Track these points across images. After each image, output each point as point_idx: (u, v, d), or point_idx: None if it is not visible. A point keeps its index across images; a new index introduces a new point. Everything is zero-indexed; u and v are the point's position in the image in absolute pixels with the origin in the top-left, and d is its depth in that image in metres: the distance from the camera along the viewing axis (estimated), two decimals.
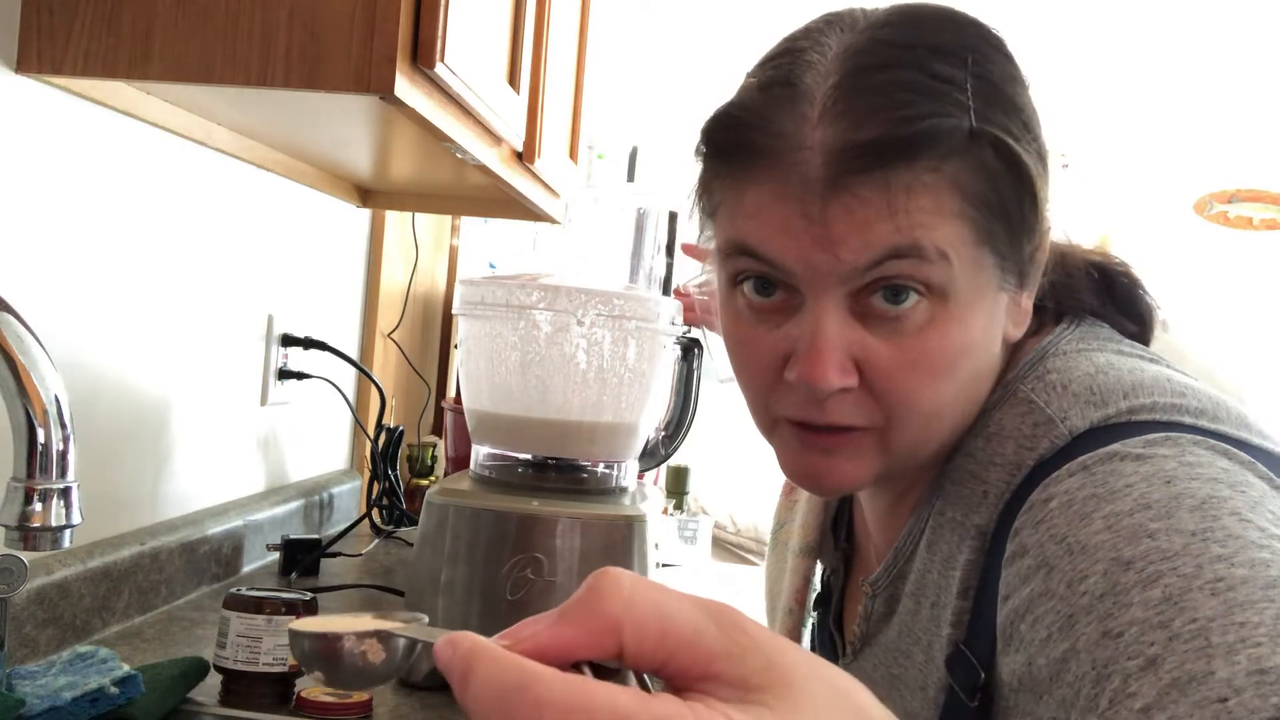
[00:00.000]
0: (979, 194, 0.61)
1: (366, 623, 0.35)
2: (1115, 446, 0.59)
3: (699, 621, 0.33)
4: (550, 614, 0.34)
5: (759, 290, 0.66)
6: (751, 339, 0.67)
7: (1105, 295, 0.74)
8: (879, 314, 0.63)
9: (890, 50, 0.62)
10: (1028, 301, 0.69)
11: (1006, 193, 0.62)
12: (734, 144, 0.65)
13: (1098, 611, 0.52)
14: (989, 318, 0.65)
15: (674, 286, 2.13)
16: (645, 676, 0.34)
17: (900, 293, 0.62)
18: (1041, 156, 0.65)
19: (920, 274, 0.61)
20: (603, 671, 0.34)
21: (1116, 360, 0.66)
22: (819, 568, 0.90)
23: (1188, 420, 0.60)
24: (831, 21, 0.66)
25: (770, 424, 0.70)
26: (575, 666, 0.33)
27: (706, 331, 1.32)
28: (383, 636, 0.34)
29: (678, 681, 0.33)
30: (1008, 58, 0.66)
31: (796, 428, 0.67)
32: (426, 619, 0.35)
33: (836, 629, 0.85)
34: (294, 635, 0.35)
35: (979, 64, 0.63)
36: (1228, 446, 0.58)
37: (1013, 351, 0.71)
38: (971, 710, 0.63)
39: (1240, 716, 0.44)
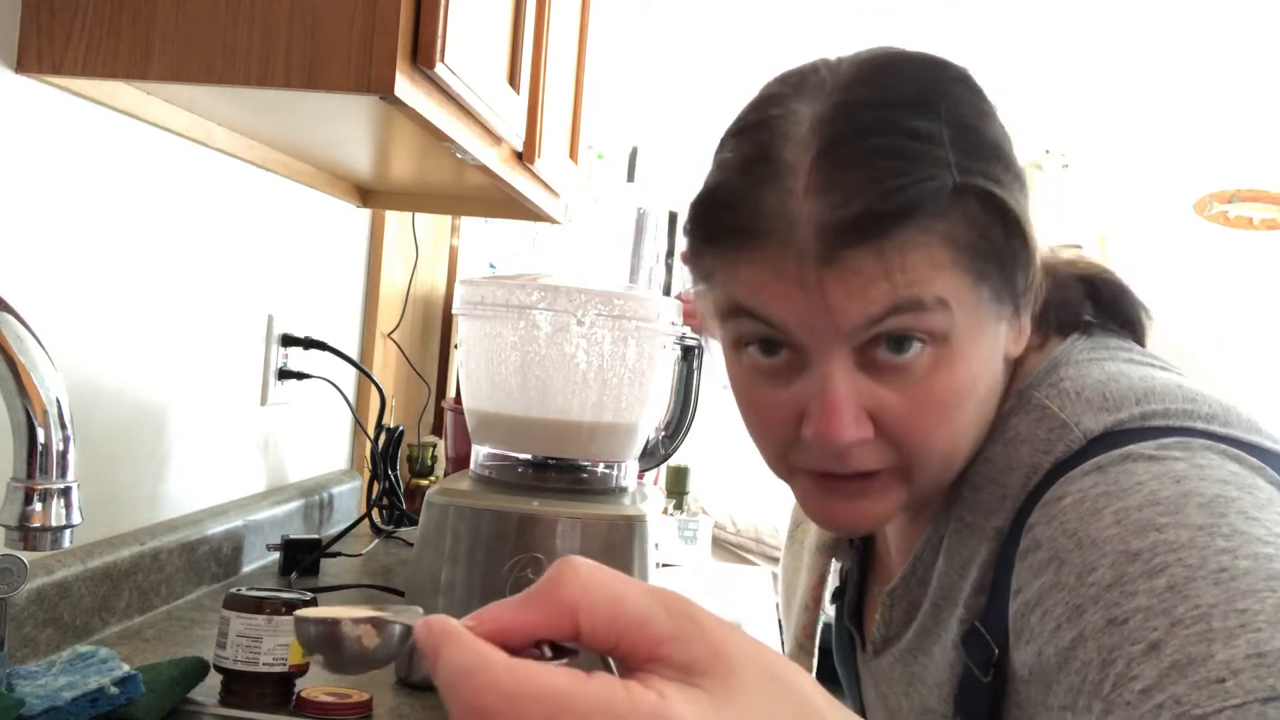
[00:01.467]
0: (970, 244, 0.62)
1: (364, 611, 0.39)
2: (1128, 448, 0.60)
3: (649, 607, 0.36)
4: (515, 598, 0.37)
5: (764, 352, 0.67)
6: (763, 399, 0.68)
7: (1095, 302, 0.75)
8: (885, 364, 0.64)
9: (864, 114, 0.62)
10: (1026, 321, 0.70)
11: (996, 237, 0.63)
12: (723, 227, 0.66)
13: (1104, 601, 0.53)
14: (991, 348, 0.67)
15: (675, 294, 2.13)
16: (608, 659, 0.37)
17: (904, 343, 0.63)
18: (1022, 184, 0.66)
19: (921, 324, 0.62)
20: (565, 651, 0.37)
21: (1128, 368, 0.67)
22: (835, 564, 0.91)
23: (1199, 425, 0.61)
24: (798, 85, 0.66)
25: (789, 472, 0.71)
26: (539, 645, 0.37)
27: (707, 338, 1.32)
28: (377, 623, 0.38)
29: (629, 662, 0.36)
30: (975, 91, 0.67)
31: (817, 476, 0.68)
32: (422, 611, 0.38)
33: (854, 624, 0.86)
34: (299, 620, 0.39)
35: (951, 110, 0.63)
36: (1238, 452, 0.59)
37: (1017, 364, 0.72)
38: (986, 687, 0.64)
39: (1237, 696, 0.46)
